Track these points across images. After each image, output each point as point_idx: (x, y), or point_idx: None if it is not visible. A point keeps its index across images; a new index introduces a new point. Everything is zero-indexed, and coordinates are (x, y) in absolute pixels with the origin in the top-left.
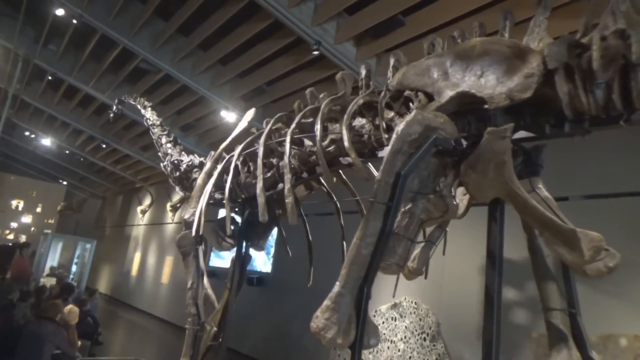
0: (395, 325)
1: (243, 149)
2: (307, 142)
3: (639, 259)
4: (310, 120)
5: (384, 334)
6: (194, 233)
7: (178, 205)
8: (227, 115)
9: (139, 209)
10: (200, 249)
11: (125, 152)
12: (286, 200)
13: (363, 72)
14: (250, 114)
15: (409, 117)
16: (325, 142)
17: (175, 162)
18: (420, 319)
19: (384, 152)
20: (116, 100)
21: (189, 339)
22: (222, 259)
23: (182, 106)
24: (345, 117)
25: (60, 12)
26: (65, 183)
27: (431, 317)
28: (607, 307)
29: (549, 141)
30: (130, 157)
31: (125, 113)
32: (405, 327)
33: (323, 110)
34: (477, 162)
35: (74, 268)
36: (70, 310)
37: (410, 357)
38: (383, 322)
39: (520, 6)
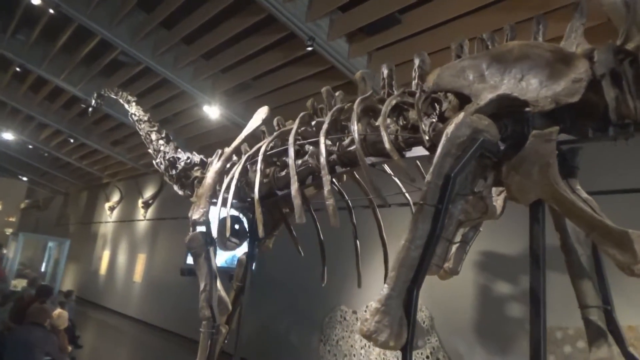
0: None
1: (267, 149)
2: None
3: None
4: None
5: None
6: (228, 233)
7: (150, 201)
8: (209, 111)
9: (106, 205)
10: (212, 249)
11: (94, 147)
12: (327, 202)
13: (385, 71)
14: (263, 112)
15: (457, 120)
16: (346, 142)
17: (172, 159)
18: None
19: (412, 153)
20: (95, 94)
21: (204, 342)
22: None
23: (160, 100)
24: (381, 118)
25: (36, 1)
26: (25, 179)
27: (424, 311)
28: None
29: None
30: (98, 152)
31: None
32: None
33: (356, 110)
34: (520, 164)
35: (43, 268)
36: (60, 314)
37: None
38: None
39: (519, 8)
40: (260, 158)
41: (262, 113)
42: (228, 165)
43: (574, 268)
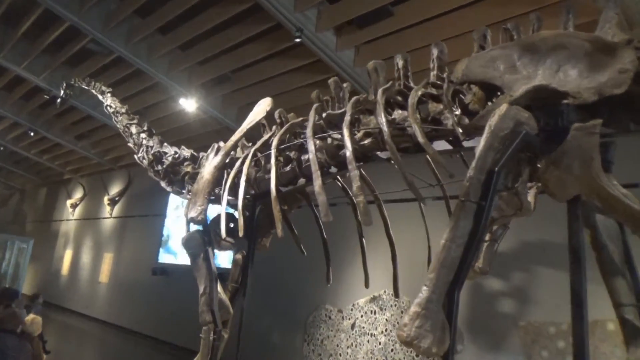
0: (375, 318)
1: (279, 143)
2: (335, 135)
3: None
4: (340, 112)
5: (363, 327)
6: (223, 234)
7: (117, 198)
8: (185, 104)
9: (68, 202)
10: (210, 249)
11: (56, 141)
12: (357, 200)
13: (400, 62)
14: (266, 103)
15: (500, 111)
16: (359, 135)
17: (157, 154)
18: (402, 312)
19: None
20: (64, 84)
21: (205, 349)
22: (174, 255)
23: (132, 92)
24: (410, 109)
25: None
26: None
27: None
28: (594, 294)
29: None
30: (60, 146)
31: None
32: (386, 319)
33: (380, 102)
34: (561, 159)
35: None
36: (33, 320)
37: (392, 350)
38: (362, 316)
39: (514, 3)
40: (273, 152)
41: (265, 105)
42: (227, 160)
43: (605, 265)
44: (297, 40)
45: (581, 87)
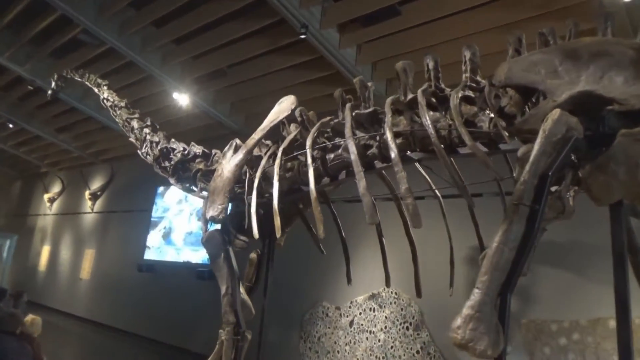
0: (374, 315)
1: (313, 142)
2: (362, 135)
3: None
4: (369, 111)
5: (362, 324)
6: (256, 234)
7: (99, 193)
8: (179, 98)
9: (45, 196)
10: (231, 249)
11: (36, 133)
12: (406, 202)
13: (431, 63)
14: (291, 101)
15: (553, 116)
16: (387, 136)
17: (164, 150)
18: (401, 309)
19: (466, 150)
20: (55, 76)
21: (229, 350)
22: (175, 248)
23: (122, 84)
24: (454, 112)
25: None
26: None
27: (413, 306)
28: (596, 292)
29: None
30: (39, 138)
31: (43, 90)
32: (386, 317)
33: (422, 103)
34: (607, 164)
35: None
36: (33, 320)
37: (392, 347)
38: (360, 313)
39: (522, 6)
40: (309, 152)
41: (289, 103)
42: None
43: None
44: (302, 36)
45: (628, 94)
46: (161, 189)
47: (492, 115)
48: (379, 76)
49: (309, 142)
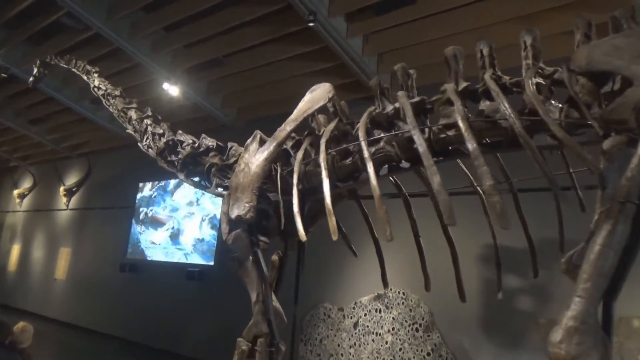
0: (381, 317)
1: (364, 135)
2: (405, 126)
3: None
4: (416, 100)
5: (367, 326)
6: (303, 236)
7: (74, 189)
8: (169, 88)
9: (15, 192)
10: (259, 251)
11: (6, 125)
12: (492, 200)
13: (485, 49)
14: (327, 89)
15: None
16: (436, 128)
17: (171, 143)
18: (410, 310)
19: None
20: (37, 62)
21: None
22: (146, 250)
23: (108, 73)
24: (535, 100)
25: None
26: None
27: (423, 307)
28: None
29: None
30: (10, 131)
31: (17, 78)
32: (393, 318)
33: (495, 89)
34: None
35: None
36: (24, 328)
37: (400, 349)
38: (365, 314)
39: None
40: (364, 144)
41: (325, 91)
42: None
43: None
44: (311, 24)
45: None
46: (141, 184)
47: (560, 105)
48: (384, 69)
49: (362, 134)
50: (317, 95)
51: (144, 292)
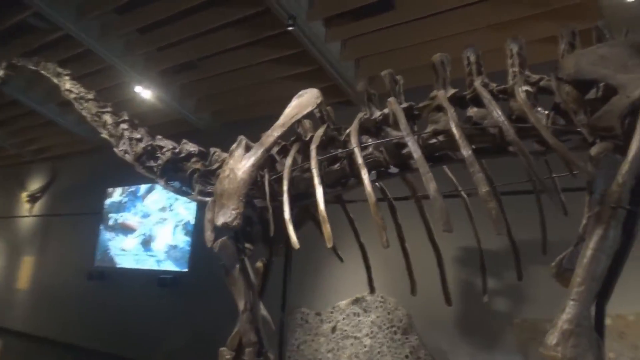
0: (359, 320)
1: (357, 141)
2: (394, 132)
3: None
4: (405, 106)
5: (345, 330)
6: (295, 243)
7: (38, 194)
8: (142, 91)
9: None
10: (247, 259)
11: None
12: (488, 206)
13: (472, 56)
14: (315, 94)
15: None
16: (424, 135)
17: (149, 148)
18: (388, 313)
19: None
20: (3, 64)
21: None
22: (116, 257)
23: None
24: (526, 107)
25: None
26: None
27: (401, 310)
28: None
29: None
30: None
31: None
32: (372, 322)
33: (486, 95)
34: None
35: None
36: None
37: (379, 352)
38: (344, 319)
39: (519, 4)
40: (357, 150)
41: (313, 96)
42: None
43: None
44: (290, 28)
45: None
46: (110, 190)
47: (546, 112)
48: (362, 74)
49: (354, 140)
50: (305, 100)
51: (114, 300)
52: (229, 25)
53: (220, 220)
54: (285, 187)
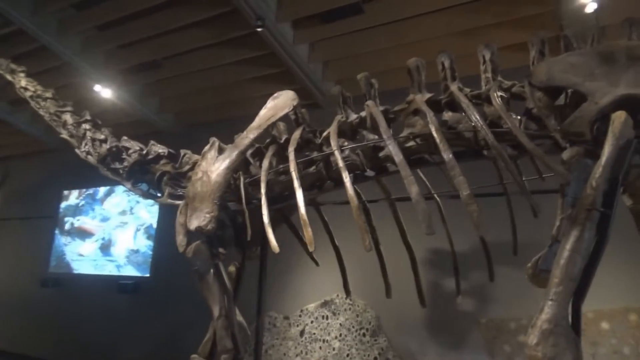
0: (328, 323)
1: (336, 144)
2: (370, 135)
3: None
4: (381, 109)
5: (314, 333)
6: (275, 247)
7: None
8: (101, 90)
9: None
10: (221, 264)
11: None
12: (470, 209)
13: (446, 61)
14: (290, 97)
15: (620, 119)
16: (401, 138)
17: (115, 149)
18: (357, 315)
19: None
20: None
21: None
22: (73, 263)
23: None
24: (502, 111)
25: None
26: None
27: (370, 312)
28: None
29: None
30: None
31: None
32: (340, 324)
33: (463, 100)
34: None
35: None
36: None
37: (347, 355)
38: (312, 322)
39: (486, 12)
40: (337, 153)
41: (289, 98)
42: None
43: None
44: (259, 29)
45: None
46: (66, 192)
47: (519, 117)
48: (329, 77)
49: (334, 142)
50: (281, 102)
51: (71, 308)
52: (195, 24)
53: (194, 224)
54: (263, 190)
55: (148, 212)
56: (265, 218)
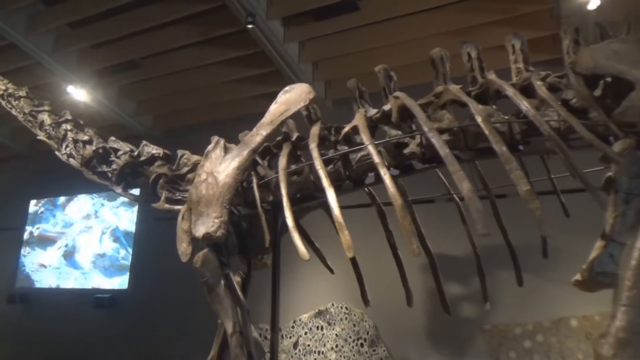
0: (323, 334)
1: (370, 139)
2: (392, 131)
3: (579, 247)
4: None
5: (308, 345)
6: (305, 255)
7: None
8: (75, 92)
9: None
10: (232, 274)
11: None
12: (531, 206)
13: (473, 52)
14: (305, 90)
15: None
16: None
17: (101, 151)
18: (354, 325)
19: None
20: None
21: None
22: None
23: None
24: (553, 102)
25: None
26: None
27: (367, 321)
28: (556, 293)
29: None
30: None
31: None
32: (336, 334)
33: (510, 90)
34: None
35: None
36: None
37: None
38: (306, 333)
39: (483, 10)
40: (372, 148)
41: (304, 92)
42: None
43: None
44: (249, 26)
45: None
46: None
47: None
48: (319, 77)
49: (366, 136)
50: (294, 96)
51: (42, 326)
52: (177, 21)
53: (201, 231)
54: (283, 191)
55: (114, 215)
56: (290, 222)
